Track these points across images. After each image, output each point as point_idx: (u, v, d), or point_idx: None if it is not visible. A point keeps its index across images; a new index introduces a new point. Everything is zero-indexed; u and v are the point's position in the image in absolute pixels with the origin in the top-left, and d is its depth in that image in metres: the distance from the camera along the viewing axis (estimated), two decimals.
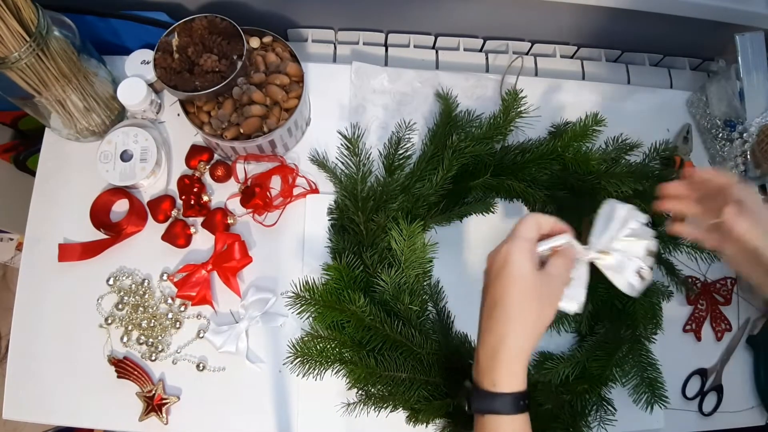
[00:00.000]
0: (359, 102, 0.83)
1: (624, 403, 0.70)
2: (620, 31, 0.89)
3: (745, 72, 0.79)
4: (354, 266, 0.68)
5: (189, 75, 0.66)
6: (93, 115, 0.73)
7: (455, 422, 0.65)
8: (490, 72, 0.90)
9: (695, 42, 0.92)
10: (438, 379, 0.64)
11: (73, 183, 0.75)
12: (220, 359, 0.71)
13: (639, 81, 0.92)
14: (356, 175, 0.72)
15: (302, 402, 0.70)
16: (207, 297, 0.70)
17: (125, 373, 0.68)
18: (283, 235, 0.76)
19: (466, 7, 0.85)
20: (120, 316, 0.71)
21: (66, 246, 0.72)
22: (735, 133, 0.81)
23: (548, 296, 0.47)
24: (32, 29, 0.59)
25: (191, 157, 0.76)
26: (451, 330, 0.70)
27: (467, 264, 0.77)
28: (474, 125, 0.78)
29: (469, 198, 0.75)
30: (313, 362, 0.63)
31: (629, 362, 0.71)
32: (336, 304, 0.63)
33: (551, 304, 0.47)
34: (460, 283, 0.75)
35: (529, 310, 0.46)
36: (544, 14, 0.85)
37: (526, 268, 0.46)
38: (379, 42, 0.91)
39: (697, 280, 0.80)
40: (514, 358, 0.46)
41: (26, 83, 0.63)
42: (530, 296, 0.46)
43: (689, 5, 0.78)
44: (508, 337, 0.46)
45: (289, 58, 0.73)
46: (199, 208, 0.74)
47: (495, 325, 0.47)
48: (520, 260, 0.46)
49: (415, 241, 0.65)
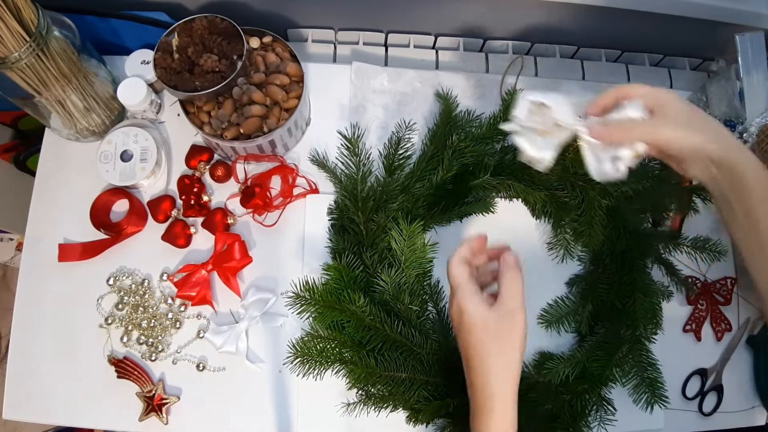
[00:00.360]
0: (359, 102, 0.83)
1: (624, 403, 0.70)
2: (620, 31, 0.89)
3: (745, 72, 0.79)
4: (354, 266, 0.68)
5: (189, 75, 0.66)
6: (93, 115, 0.73)
7: (455, 422, 0.65)
8: (490, 72, 0.90)
9: (695, 42, 0.92)
10: (438, 379, 0.64)
11: (73, 183, 0.76)
12: (220, 359, 0.71)
13: (639, 81, 0.92)
14: (356, 175, 0.72)
15: (302, 402, 0.70)
16: (207, 297, 0.70)
17: (125, 373, 0.68)
18: (283, 235, 0.76)
19: (466, 7, 0.85)
20: (120, 316, 0.71)
21: (66, 246, 0.72)
22: (735, 133, 0.81)
23: (508, 331, 0.48)
24: (32, 29, 0.59)
25: (191, 157, 0.76)
26: (451, 330, 0.70)
27: None
28: (474, 125, 0.78)
29: (469, 198, 0.75)
30: (313, 362, 0.63)
31: (629, 362, 0.71)
32: (336, 304, 0.63)
33: (513, 338, 0.48)
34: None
35: (495, 354, 0.47)
36: (544, 14, 0.85)
37: (478, 313, 0.48)
38: (379, 42, 0.91)
39: (697, 280, 0.80)
40: (500, 413, 0.47)
41: (26, 83, 0.63)
42: (490, 339, 0.47)
43: (689, 5, 0.78)
44: (487, 387, 0.47)
45: (289, 58, 0.73)
46: (199, 208, 0.74)
47: (473, 378, 0.49)
48: (471, 308, 0.48)
49: (415, 241, 0.65)
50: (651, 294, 0.73)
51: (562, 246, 0.77)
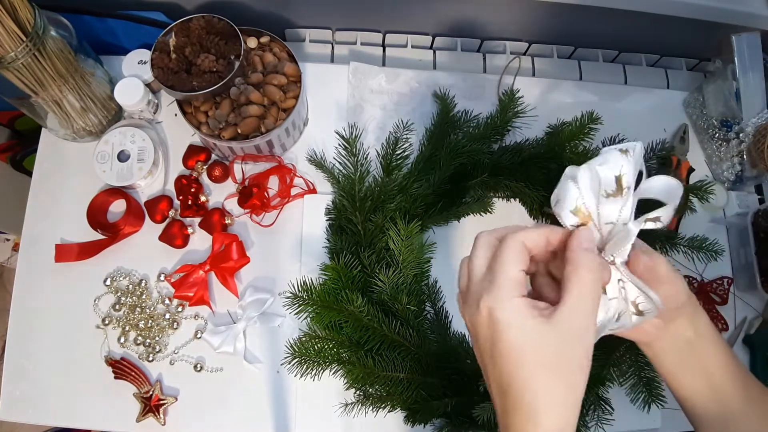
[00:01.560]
0: (357, 102, 0.83)
1: (621, 403, 0.70)
2: (617, 31, 0.89)
3: (741, 72, 0.79)
4: (352, 266, 0.68)
5: (186, 75, 0.66)
6: (90, 116, 0.73)
7: (453, 422, 0.65)
8: (488, 72, 0.90)
9: (692, 42, 0.92)
10: (436, 379, 0.64)
11: (70, 183, 0.75)
12: (217, 360, 0.70)
13: (636, 81, 0.92)
14: (354, 176, 0.72)
15: (300, 402, 0.70)
16: (204, 297, 0.70)
17: (122, 373, 0.68)
18: (281, 235, 0.76)
19: (463, 8, 0.85)
20: (117, 316, 0.71)
21: (63, 246, 0.72)
22: (731, 134, 0.81)
23: (576, 356, 0.31)
24: (29, 29, 0.59)
25: (188, 157, 0.76)
26: (449, 330, 0.70)
27: None
28: (471, 125, 0.78)
29: (466, 198, 0.75)
30: (311, 362, 0.63)
31: (626, 362, 0.71)
32: (334, 304, 0.63)
33: (579, 366, 0.32)
34: (457, 283, 0.75)
35: (553, 391, 0.31)
36: (541, 15, 0.85)
37: (527, 331, 0.31)
38: (376, 42, 0.91)
39: (694, 280, 0.80)
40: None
41: (23, 83, 0.63)
42: (547, 370, 0.31)
43: (686, 6, 0.78)
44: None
45: (286, 58, 0.73)
46: (196, 209, 0.74)
47: (515, 423, 0.32)
48: (516, 322, 0.32)
49: (412, 241, 0.65)
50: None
51: None
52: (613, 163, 0.34)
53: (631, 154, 0.34)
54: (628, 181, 0.34)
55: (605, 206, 0.34)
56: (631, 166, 0.34)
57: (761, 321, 0.80)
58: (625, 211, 0.34)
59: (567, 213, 0.34)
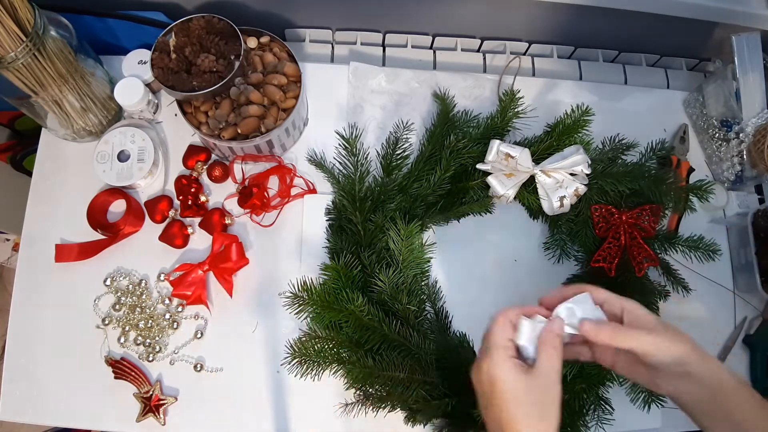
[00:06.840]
0: (357, 102, 0.83)
1: (621, 403, 0.70)
2: (617, 31, 0.89)
3: (741, 72, 0.79)
4: (352, 266, 0.68)
5: (186, 75, 0.66)
6: (90, 116, 0.73)
7: (453, 422, 0.65)
8: (488, 72, 0.90)
9: (692, 42, 0.92)
10: (436, 379, 0.64)
11: (70, 183, 0.75)
12: (217, 360, 0.70)
13: (636, 81, 0.92)
14: (354, 176, 0.72)
15: (300, 402, 0.70)
16: (202, 297, 0.70)
17: (122, 373, 0.68)
18: (281, 235, 0.76)
19: (463, 8, 0.85)
20: (117, 316, 0.71)
21: (63, 246, 0.72)
22: (731, 133, 0.81)
23: (549, 400, 0.44)
24: (29, 29, 0.59)
25: (188, 157, 0.76)
26: (449, 330, 0.70)
27: (465, 264, 0.77)
28: (471, 125, 0.78)
29: (466, 198, 0.75)
30: (311, 362, 0.63)
31: None
32: (334, 304, 0.63)
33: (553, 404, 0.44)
34: (457, 283, 0.75)
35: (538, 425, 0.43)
36: (541, 15, 0.85)
37: (517, 382, 0.43)
38: (376, 42, 0.91)
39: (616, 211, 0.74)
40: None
41: (23, 83, 0.63)
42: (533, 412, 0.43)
43: (686, 6, 0.78)
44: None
45: (286, 58, 0.73)
46: (196, 209, 0.74)
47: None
48: (507, 377, 0.44)
49: (412, 241, 0.66)
50: (647, 293, 0.73)
51: (559, 246, 0.77)
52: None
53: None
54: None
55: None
56: None
57: (761, 321, 0.80)
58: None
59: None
